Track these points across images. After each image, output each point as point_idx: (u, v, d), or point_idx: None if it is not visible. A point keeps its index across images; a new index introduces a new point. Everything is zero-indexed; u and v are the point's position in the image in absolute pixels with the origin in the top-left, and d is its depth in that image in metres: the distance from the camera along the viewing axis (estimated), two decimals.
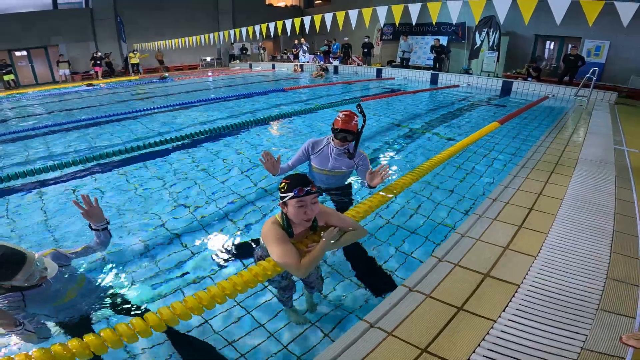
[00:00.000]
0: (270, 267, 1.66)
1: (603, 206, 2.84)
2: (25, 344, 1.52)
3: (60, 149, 5.36)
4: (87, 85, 12.91)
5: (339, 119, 2.54)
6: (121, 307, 1.95)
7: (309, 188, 1.61)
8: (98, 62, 15.55)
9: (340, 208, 2.71)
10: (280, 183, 1.68)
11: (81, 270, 1.80)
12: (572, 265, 2.09)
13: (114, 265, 2.49)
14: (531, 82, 10.29)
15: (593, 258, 2.16)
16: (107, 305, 1.91)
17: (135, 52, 16.75)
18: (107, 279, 2.34)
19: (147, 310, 1.91)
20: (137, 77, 15.76)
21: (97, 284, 1.94)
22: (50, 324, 1.63)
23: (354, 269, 2.50)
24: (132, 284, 2.33)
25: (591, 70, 7.98)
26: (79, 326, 1.67)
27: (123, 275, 2.41)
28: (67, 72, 15.41)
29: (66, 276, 1.64)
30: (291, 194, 1.60)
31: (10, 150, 5.40)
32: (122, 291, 2.19)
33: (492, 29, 12.40)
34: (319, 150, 2.65)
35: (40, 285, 1.52)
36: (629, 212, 2.76)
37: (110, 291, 2.07)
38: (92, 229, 1.78)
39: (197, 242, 2.82)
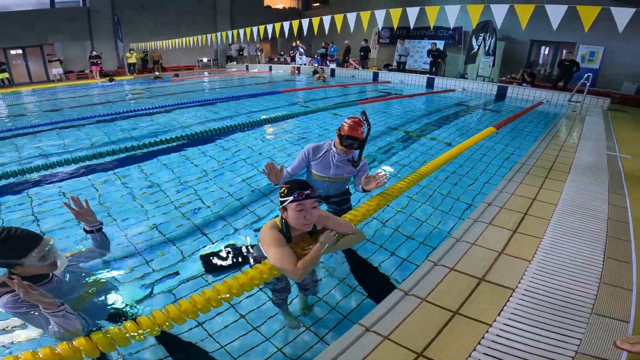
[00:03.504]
0: (266, 270, 1.65)
1: (596, 211, 2.86)
2: (57, 336, 1.44)
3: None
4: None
5: (345, 125, 2.41)
6: (114, 310, 1.91)
7: (308, 192, 1.61)
8: (95, 61, 15.43)
9: (340, 214, 2.68)
10: (280, 188, 1.68)
11: (90, 279, 1.73)
12: (566, 270, 2.10)
13: (108, 269, 2.45)
14: (526, 88, 10.39)
15: (587, 262, 2.17)
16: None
17: (132, 52, 16.67)
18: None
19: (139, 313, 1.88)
20: (132, 77, 15.71)
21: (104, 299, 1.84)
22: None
23: (349, 273, 2.49)
24: (124, 287, 2.30)
25: (585, 76, 8.06)
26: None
27: (116, 277, 2.37)
28: (60, 70, 15.22)
29: (74, 278, 1.62)
30: (291, 198, 1.60)
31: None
32: (115, 294, 2.15)
33: (488, 34, 12.51)
34: (320, 156, 2.51)
35: (51, 281, 1.50)
36: (622, 217, 2.79)
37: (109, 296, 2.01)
38: (86, 231, 1.75)
39: (193, 245, 2.80)
